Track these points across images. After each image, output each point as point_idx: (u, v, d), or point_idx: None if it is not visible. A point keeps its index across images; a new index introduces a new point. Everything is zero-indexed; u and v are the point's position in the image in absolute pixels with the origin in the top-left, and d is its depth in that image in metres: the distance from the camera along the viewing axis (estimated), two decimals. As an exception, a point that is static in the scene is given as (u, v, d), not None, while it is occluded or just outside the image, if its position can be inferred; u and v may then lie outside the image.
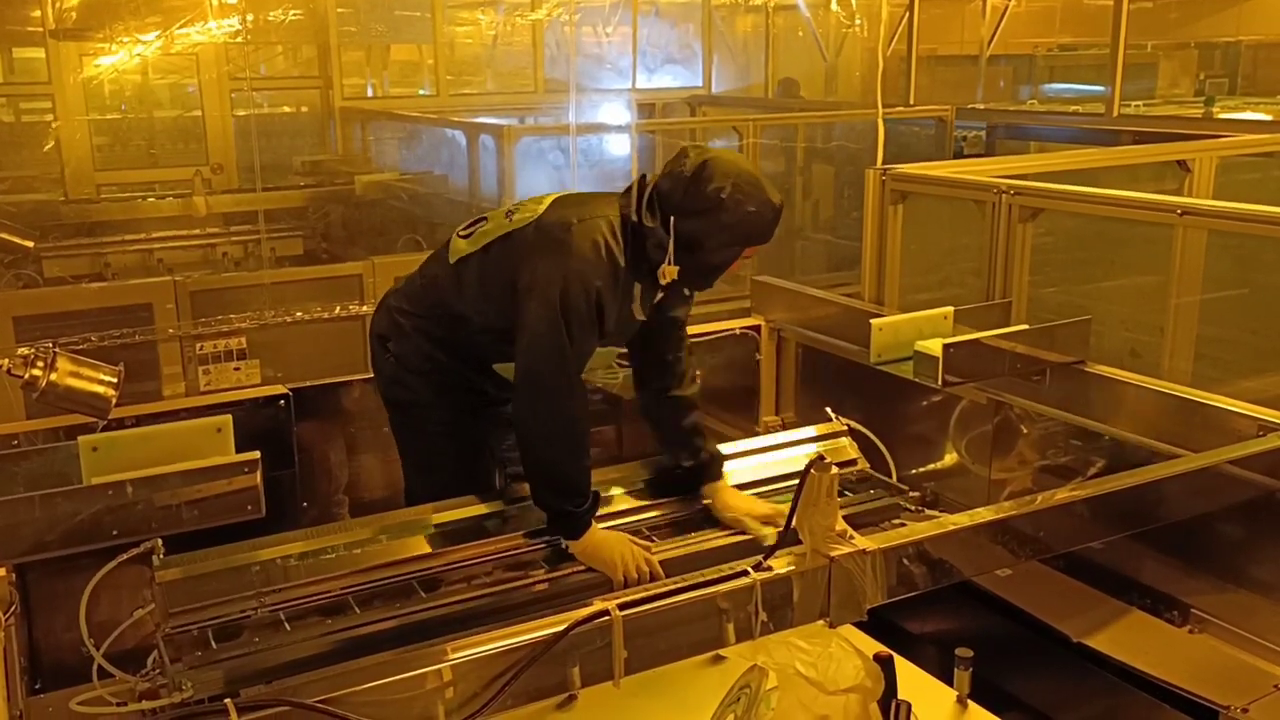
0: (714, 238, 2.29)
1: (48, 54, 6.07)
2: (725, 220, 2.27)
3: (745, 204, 2.27)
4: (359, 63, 7.62)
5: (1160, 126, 5.21)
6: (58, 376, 2.02)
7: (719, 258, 2.33)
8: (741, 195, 2.27)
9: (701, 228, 2.27)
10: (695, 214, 2.26)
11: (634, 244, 2.32)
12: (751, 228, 2.31)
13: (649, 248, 2.31)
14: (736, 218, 2.27)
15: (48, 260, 5.26)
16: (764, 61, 8.30)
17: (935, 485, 3.14)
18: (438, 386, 2.50)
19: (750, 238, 2.32)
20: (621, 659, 1.68)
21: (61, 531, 1.88)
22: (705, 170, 2.27)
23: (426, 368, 2.49)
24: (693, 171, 2.28)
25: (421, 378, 2.51)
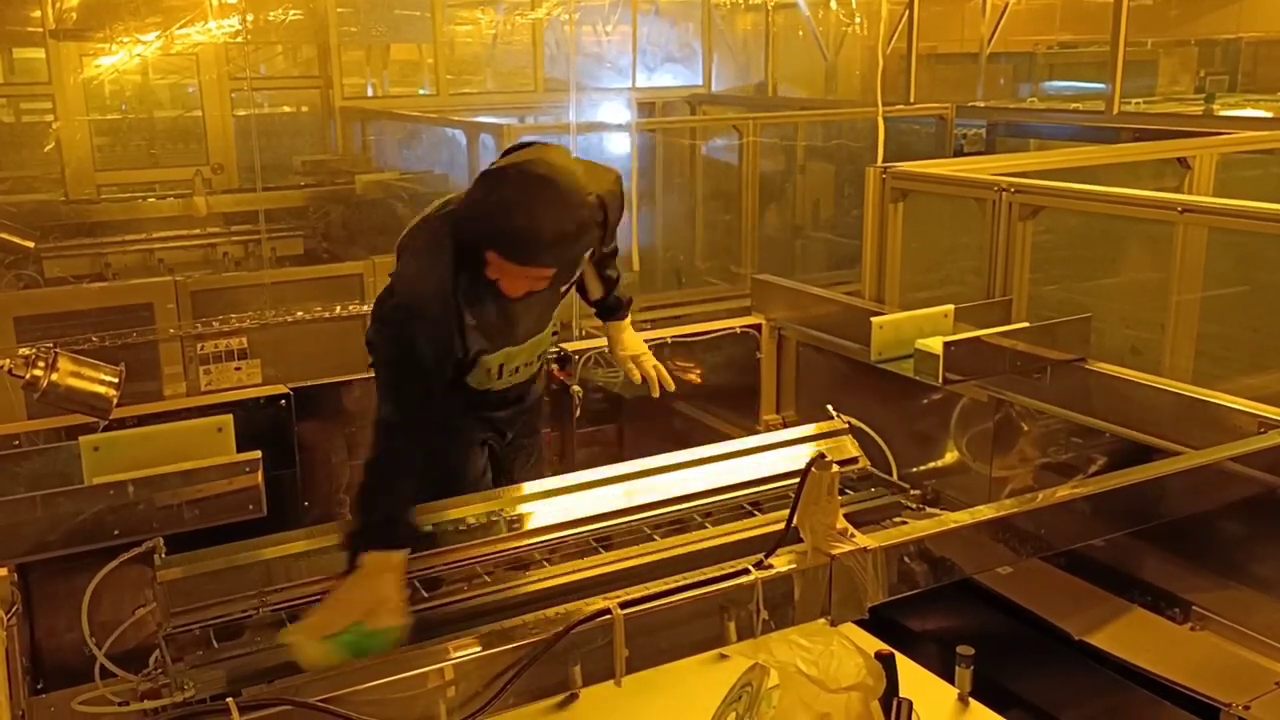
0: (464, 224, 2.13)
1: (48, 54, 6.07)
2: (471, 204, 2.10)
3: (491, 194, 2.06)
4: (359, 62, 7.62)
5: (1160, 124, 5.20)
6: (59, 377, 2.02)
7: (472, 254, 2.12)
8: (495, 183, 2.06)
9: (463, 209, 2.14)
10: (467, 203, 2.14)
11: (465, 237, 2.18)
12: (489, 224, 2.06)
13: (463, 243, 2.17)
14: (477, 204, 2.08)
15: (48, 260, 5.26)
16: (764, 60, 8.29)
17: (936, 483, 3.14)
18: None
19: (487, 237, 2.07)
20: (623, 658, 1.68)
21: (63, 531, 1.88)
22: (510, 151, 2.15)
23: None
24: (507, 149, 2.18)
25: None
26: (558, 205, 2.05)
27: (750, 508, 2.47)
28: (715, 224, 6.34)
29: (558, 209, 2.05)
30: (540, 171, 2.08)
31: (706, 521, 2.42)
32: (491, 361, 2.38)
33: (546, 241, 2.05)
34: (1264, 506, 2.34)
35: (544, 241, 2.05)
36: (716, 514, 2.46)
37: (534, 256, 2.09)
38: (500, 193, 2.07)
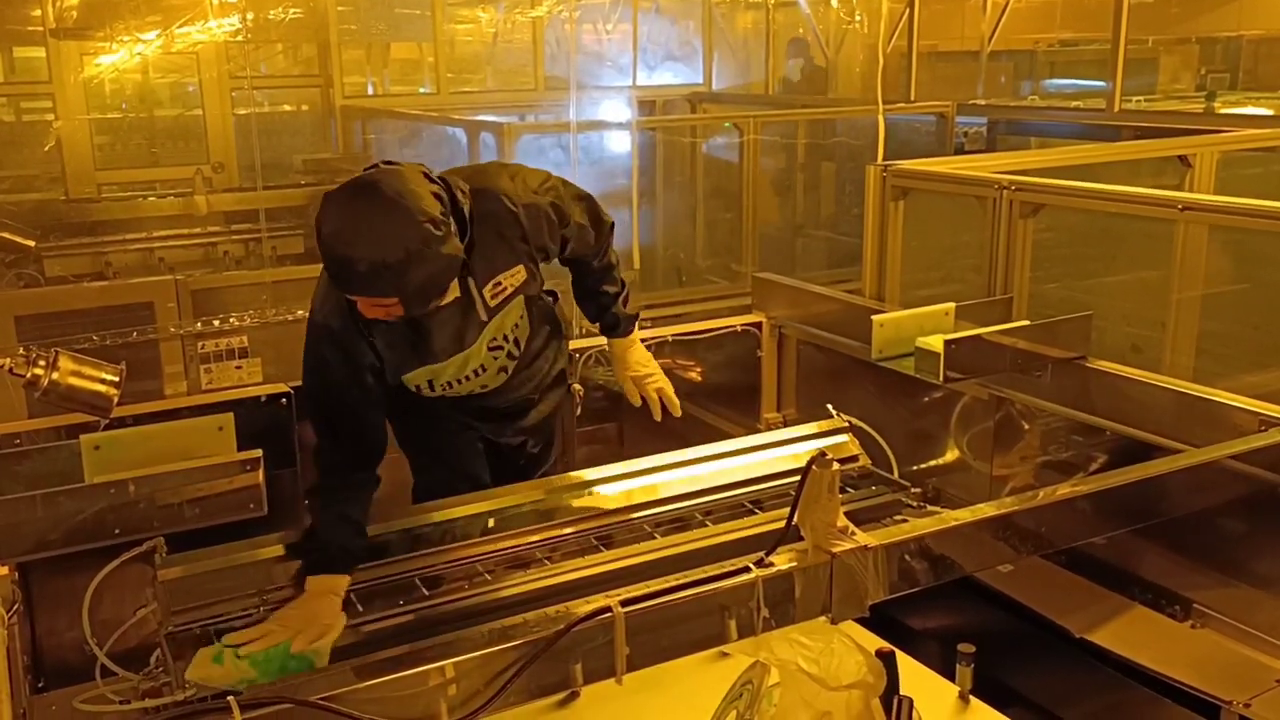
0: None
1: (48, 53, 6.07)
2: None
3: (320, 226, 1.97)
4: (359, 61, 7.62)
5: (1161, 122, 5.20)
6: (59, 375, 2.02)
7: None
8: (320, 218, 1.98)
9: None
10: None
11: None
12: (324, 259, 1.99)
13: None
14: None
15: (49, 259, 5.26)
16: (764, 58, 8.30)
17: (937, 481, 3.14)
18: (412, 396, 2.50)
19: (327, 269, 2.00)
20: (623, 656, 1.68)
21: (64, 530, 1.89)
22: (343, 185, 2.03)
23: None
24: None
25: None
26: (372, 233, 1.93)
27: (751, 506, 2.47)
28: (716, 222, 6.34)
29: (371, 237, 1.93)
30: (362, 195, 1.98)
31: (707, 520, 2.42)
32: (416, 378, 2.34)
33: (360, 272, 1.93)
34: (1265, 504, 2.34)
35: (357, 272, 1.94)
36: (717, 512, 2.46)
37: (349, 286, 2.00)
38: (322, 215, 1.99)
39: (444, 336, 2.29)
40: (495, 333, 2.36)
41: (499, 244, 2.27)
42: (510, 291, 2.33)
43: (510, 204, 2.26)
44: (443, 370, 2.34)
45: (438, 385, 2.38)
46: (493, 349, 2.38)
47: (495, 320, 2.34)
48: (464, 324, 2.29)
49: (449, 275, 2.08)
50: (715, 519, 2.43)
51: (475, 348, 2.34)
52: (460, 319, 2.28)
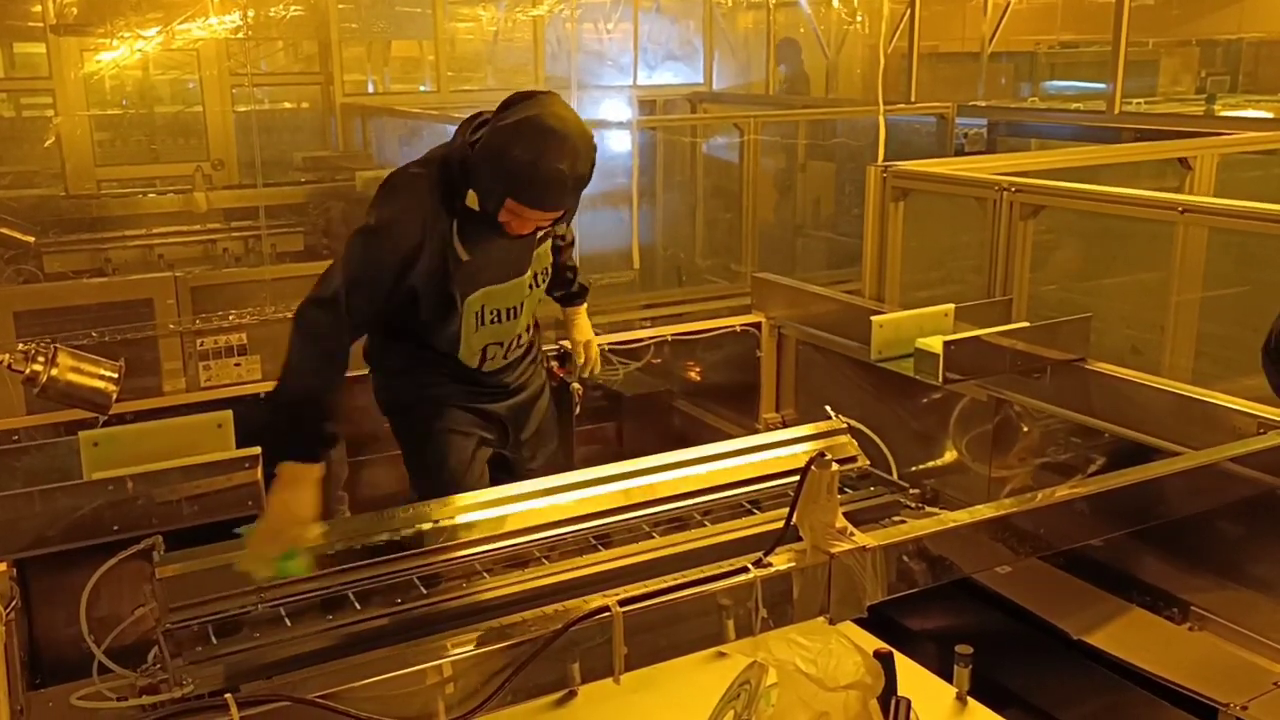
0: (480, 169, 2.25)
1: (49, 49, 6.07)
2: (488, 154, 2.22)
3: (510, 147, 2.18)
4: (360, 59, 7.62)
5: (1161, 124, 5.20)
6: (58, 372, 2.02)
7: (487, 200, 2.26)
8: (510, 138, 2.19)
9: (476, 156, 2.26)
10: (479, 143, 2.27)
11: (447, 176, 2.33)
12: (509, 174, 2.19)
13: (455, 177, 2.32)
14: (496, 156, 2.20)
15: (48, 255, 5.26)
16: (765, 58, 8.30)
17: (935, 482, 3.14)
18: (413, 381, 2.57)
19: (508, 185, 2.21)
20: (621, 655, 1.68)
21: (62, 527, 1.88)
22: (511, 105, 2.27)
23: (398, 365, 2.58)
24: (504, 102, 2.29)
25: (398, 377, 2.59)
26: (573, 153, 2.20)
27: (749, 506, 2.47)
28: (716, 222, 6.34)
29: (573, 157, 2.20)
30: (554, 125, 2.21)
31: (705, 519, 2.41)
32: (475, 302, 2.46)
33: (568, 188, 2.23)
34: (1263, 507, 2.34)
35: (566, 188, 2.23)
36: (715, 512, 2.46)
37: (554, 200, 2.25)
38: (523, 145, 2.18)
39: (510, 259, 2.48)
40: (536, 265, 2.54)
41: None
42: (549, 233, 2.54)
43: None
44: (498, 294, 2.48)
45: (489, 315, 2.50)
46: (531, 285, 2.56)
47: (537, 251, 2.53)
48: (524, 249, 2.49)
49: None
50: (714, 519, 2.42)
51: (525, 275, 2.52)
52: (523, 244, 2.46)
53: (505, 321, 2.54)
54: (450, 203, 2.32)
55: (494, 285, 2.47)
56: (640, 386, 3.52)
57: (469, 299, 2.45)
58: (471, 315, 2.47)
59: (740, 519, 2.42)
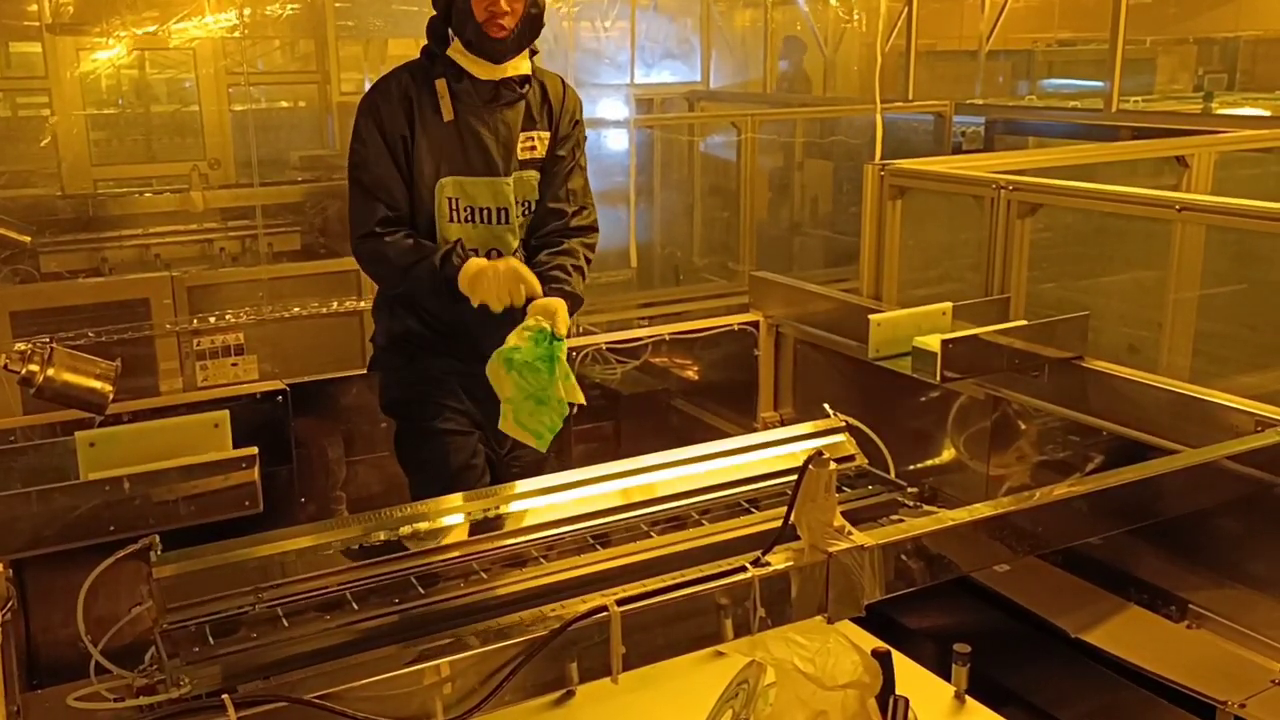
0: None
1: (44, 48, 6.05)
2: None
3: None
4: (357, 57, 7.60)
5: (1159, 122, 5.20)
6: (54, 372, 2.01)
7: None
8: None
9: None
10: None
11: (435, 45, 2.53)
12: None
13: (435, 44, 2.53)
14: None
15: (45, 255, 5.25)
16: (762, 57, 8.29)
17: (933, 481, 3.15)
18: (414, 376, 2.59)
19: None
20: (619, 655, 1.68)
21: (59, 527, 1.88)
22: None
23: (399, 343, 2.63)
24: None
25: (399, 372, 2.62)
26: None
27: (747, 505, 2.46)
28: (713, 221, 6.34)
29: None
30: None
31: (703, 519, 2.41)
32: (446, 186, 2.53)
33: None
34: (1261, 505, 2.35)
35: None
36: (713, 511, 2.45)
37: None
38: None
39: (481, 151, 2.54)
40: (518, 189, 2.61)
41: (541, 103, 2.64)
42: (535, 157, 2.63)
43: (559, 77, 2.72)
44: (472, 186, 2.55)
45: (462, 211, 2.55)
46: (519, 202, 2.61)
47: (519, 174, 2.60)
48: (500, 150, 2.56)
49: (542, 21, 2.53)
50: (712, 518, 2.42)
51: (504, 182, 2.58)
52: (497, 144, 2.55)
53: (482, 223, 2.58)
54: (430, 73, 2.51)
55: (465, 176, 2.54)
56: (638, 385, 3.52)
57: (441, 181, 2.53)
58: (444, 199, 2.54)
59: (738, 518, 2.42)
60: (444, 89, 2.50)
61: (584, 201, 2.72)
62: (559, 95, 2.69)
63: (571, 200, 2.70)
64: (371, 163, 2.51)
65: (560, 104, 2.67)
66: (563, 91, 2.70)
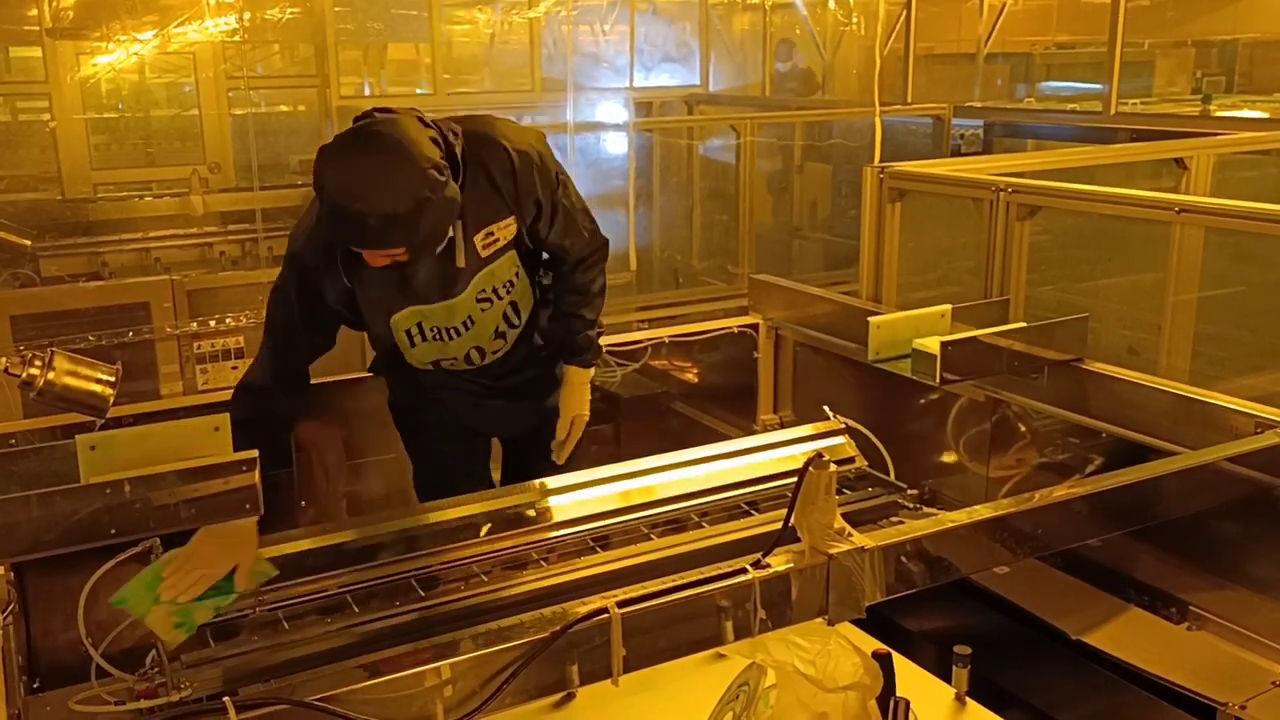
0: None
1: (44, 53, 6.07)
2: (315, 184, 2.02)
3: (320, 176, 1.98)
4: (356, 61, 7.62)
5: (1157, 124, 5.21)
6: (55, 375, 2.01)
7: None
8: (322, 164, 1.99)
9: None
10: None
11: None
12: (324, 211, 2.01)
13: None
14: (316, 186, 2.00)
15: (45, 259, 5.25)
16: (761, 60, 8.31)
17: (933, 483, 3.14)
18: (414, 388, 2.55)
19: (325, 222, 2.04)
20: (620, 657, 1.68)
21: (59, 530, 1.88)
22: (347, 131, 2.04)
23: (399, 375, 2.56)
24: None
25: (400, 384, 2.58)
26: (381, 187, 1.94)
27: (747, 507, 2.46)
28: (712, 224, 6.34)
29: (380, 191, 1.94)
30: (366, 148, 1.98)
31: (704, 521, 2.41)
32: (405, 321, 2.34)
33: (371, 227, 1.96)
34: (1261, 507, 2.35)
35: (368, 227, 1.96)
36: (713, 513, 2.45)
37: (360, 240, 2.03)
38: (323, 170, 1.99)
39: (429, 283, 2.28)
40: (485, 284, 2.35)
41: (491, 191, 2.26)
42: (503, 244, 2.33)
43: (505, 149, 2.26)
44: (431, 314, 2.34)
45: (428, 332, 2.37)
46: (481, 300, 2.37)
47: (485, 271, 2.33)
48: (452, 269, 2.28)
49: (451, 219, 2.12)
50: (712, 520, 2.42)
51: (463, 297, 2.34)
52: (448, 263, 2.26)
53: (453, 339, 2.41)
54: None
55: (423, 305, 2.33)
56: (638, 388, 3.52)
57: (394, 318, 2.33)
58: (402, 333, 2.37)
59: (738, 520, 2.42)
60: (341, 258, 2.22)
61: (584, 245, 2.48)
62: (508, 174, 2.27)
63: (571, 251, 2.47)
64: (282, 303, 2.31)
65: (514, 187, 2.28)
66: (513, 170, 2.26)
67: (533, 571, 2.21)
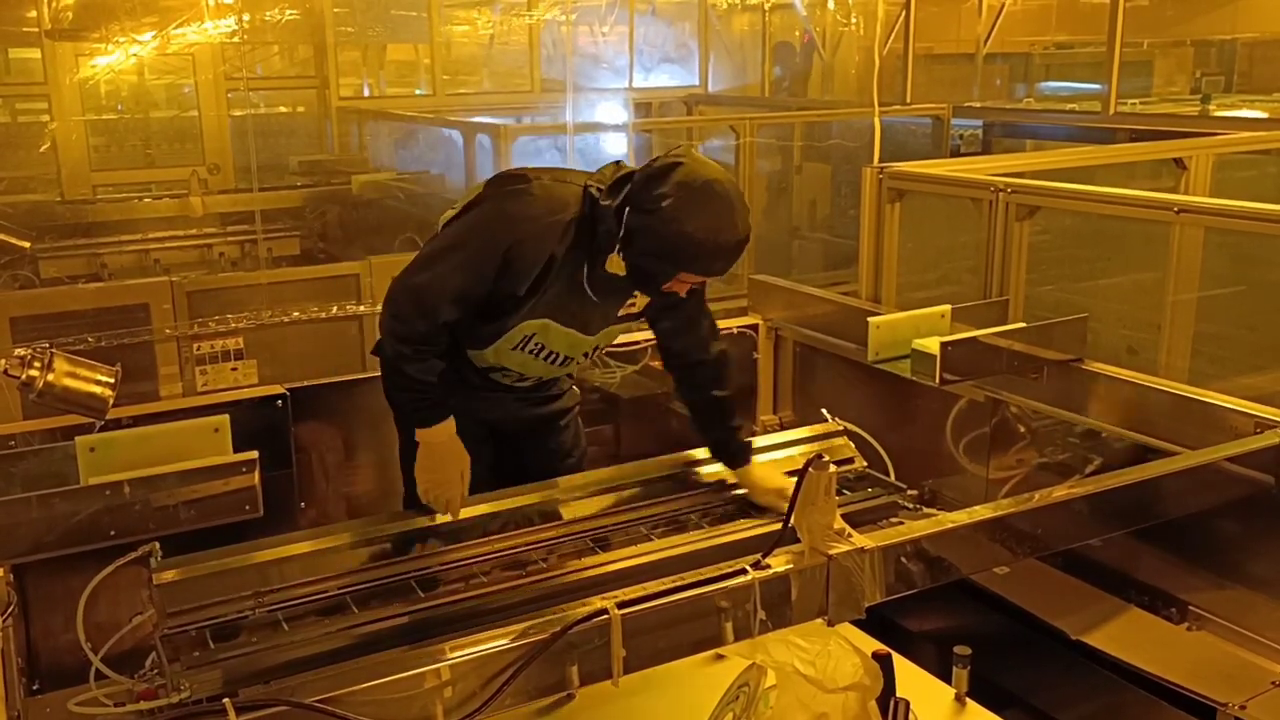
0: (647, 244, 2.15)
1: (44, 54, 6.07)
2: (659, 230, 2.12)
3: (682, 223, 2.10)
4: (355, 62, 7.61)
5: (1156, 124, 5.21)
6: (55, 377, 2.01)
7: (653, 267, 2.19)
8: (682, 213, 2.10)
9: (640, 228, 2.15)
10: (640, 211, 2.15)
11: (590, 219, 2.25)
12: (684, 250, 2.13)
13: (599, 231, 2.23)
14: (670, 233, 2.11)
15: (44, 261, 5.25)
16: (760, 60, 8.31)
17: (933, 483, 3.15)
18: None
19: (681, 260, 2.15)
20: (620, 658, 1.68)
21: (59, 532, 1.88)
22: (668, 171, 2.14)
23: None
24: (659, 168, 2.16)
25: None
26: (743, 217, 2.17)
27: (747, 508, 2.46)
28: (712, 224, 6.32)
29: (744, 221, 2.17)
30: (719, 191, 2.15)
31: (703, 522, 2.41)
32: (530, 328, 2.35)
33: (736, 252, 2.18)
34: (1260, 506, 2.35)
35: (739, 252, 2.18)
36: (713, 514, 2.46)
37: (722, 264, 2.20)
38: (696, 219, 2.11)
39: (578, 312, 2.36)
40: (603, 340, 2.47)
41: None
42: (632, 313, 2.45)
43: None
44: (555, 332, 2.38)
45: (533, 345, 2.39)
46: (585, 353, 2.47)
47: (609, 329, 2.45)
48: (600, 315, 2.39)
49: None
50: (712, 521, 2.42)
51: (588, 339, 2.43)
52: (602, 309, 2.38)
53: (543, 362, 2.43)
54: (587, 244, 2.25)
55: (558, 323, 2.36)
56: (638, 389, 3.52)
57: (527, 322, 2.34)
58: (520, 334, 2.36)
59: (738, 521, 2.42)
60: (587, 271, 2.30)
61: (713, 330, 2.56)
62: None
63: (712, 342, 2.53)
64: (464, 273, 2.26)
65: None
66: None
67: (533, 572, 2.21)
